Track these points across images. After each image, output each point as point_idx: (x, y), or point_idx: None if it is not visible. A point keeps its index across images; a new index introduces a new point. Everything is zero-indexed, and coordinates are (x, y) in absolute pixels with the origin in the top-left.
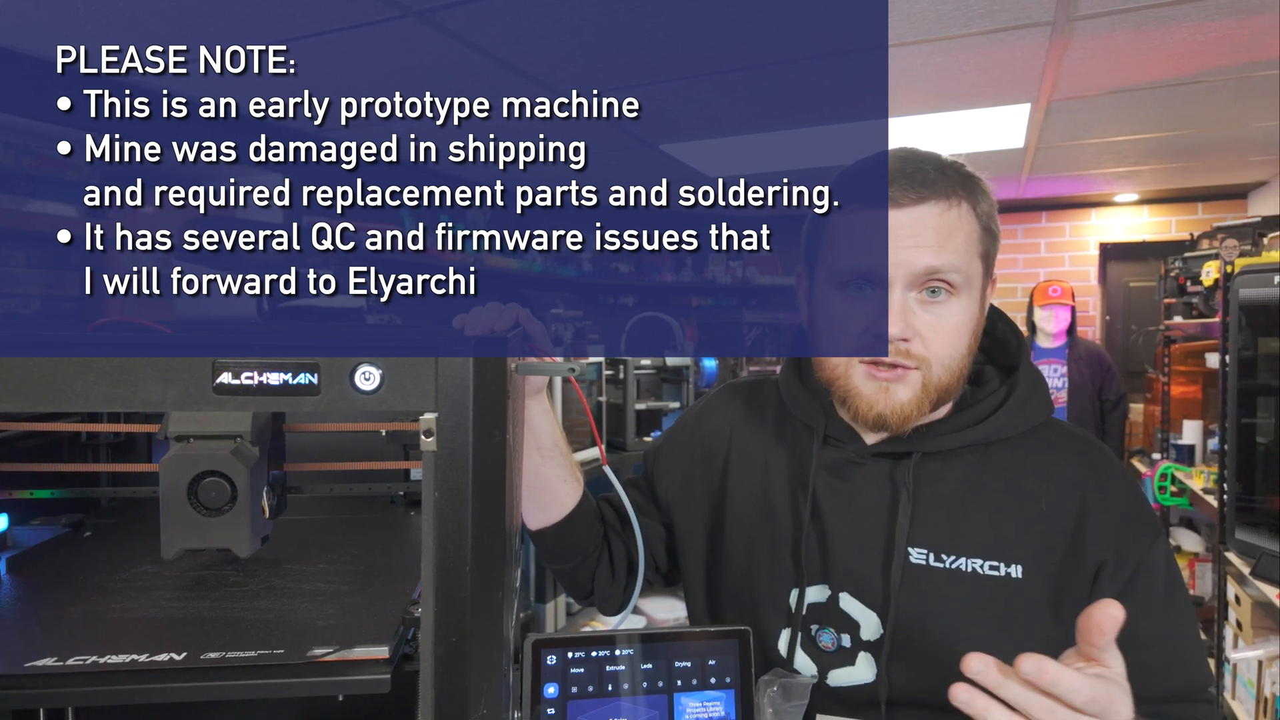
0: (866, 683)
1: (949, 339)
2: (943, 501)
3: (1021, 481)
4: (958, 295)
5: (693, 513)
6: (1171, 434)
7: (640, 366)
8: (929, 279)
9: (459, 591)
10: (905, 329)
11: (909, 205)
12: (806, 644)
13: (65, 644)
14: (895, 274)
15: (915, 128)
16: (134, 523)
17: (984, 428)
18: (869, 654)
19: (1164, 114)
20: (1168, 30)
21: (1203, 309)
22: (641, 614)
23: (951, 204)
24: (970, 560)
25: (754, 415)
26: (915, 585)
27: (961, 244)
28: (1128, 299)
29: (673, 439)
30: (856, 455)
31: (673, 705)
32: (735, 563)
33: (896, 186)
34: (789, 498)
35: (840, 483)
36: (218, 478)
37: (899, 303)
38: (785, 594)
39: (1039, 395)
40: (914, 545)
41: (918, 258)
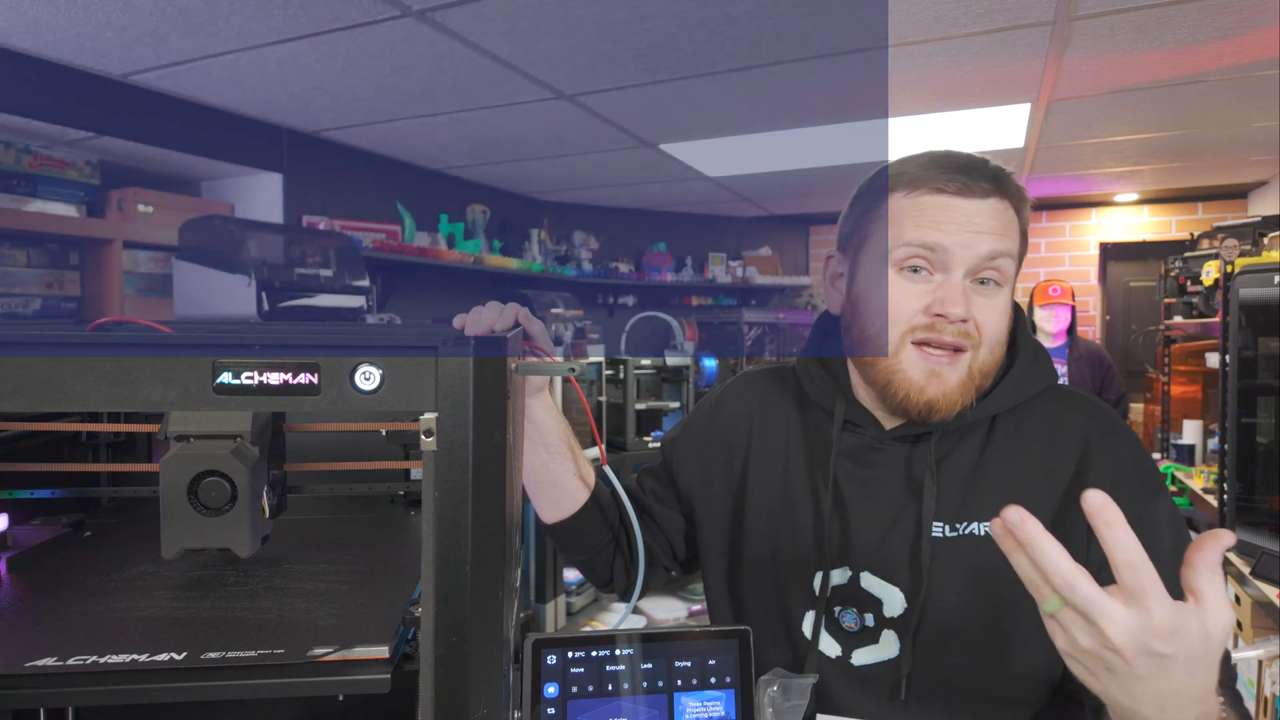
0: (891, 658)
1: (998, 324)
2: (956, 475)
3: (1027, 443)
4: (1003, 288)
5: (714, 503)
6: (1172, 434)
7: (640, 366)
8: (987, 264)
9: (459, 591)
10: (967, 310)
11: (979, 196)
12: (830, 626)
13: (66, 644)
14: (961, 254)
15: (915, 128)
16: (134, 522)
17: (991, 401)
18: (892, 630)
19: (1164, 114)
20: (1168, 30)
21: (1203, 309)
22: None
23: (1009, 205)
24: (983, 524)
25: (773, 402)
26: (936, 557)
27: (1014, 239)
28: (1128, 299)
29: (690, 430)
30: (876, 440)
31: (673, 705)
32: (758, 550)
33: (971, 175)
34: (809, 485)
35: (861, 469)
36: (218, 478)
37: (959, 286)
38: (808, 579)
39: (1042, 362)
40: (934, 520)
41: (983, 243)
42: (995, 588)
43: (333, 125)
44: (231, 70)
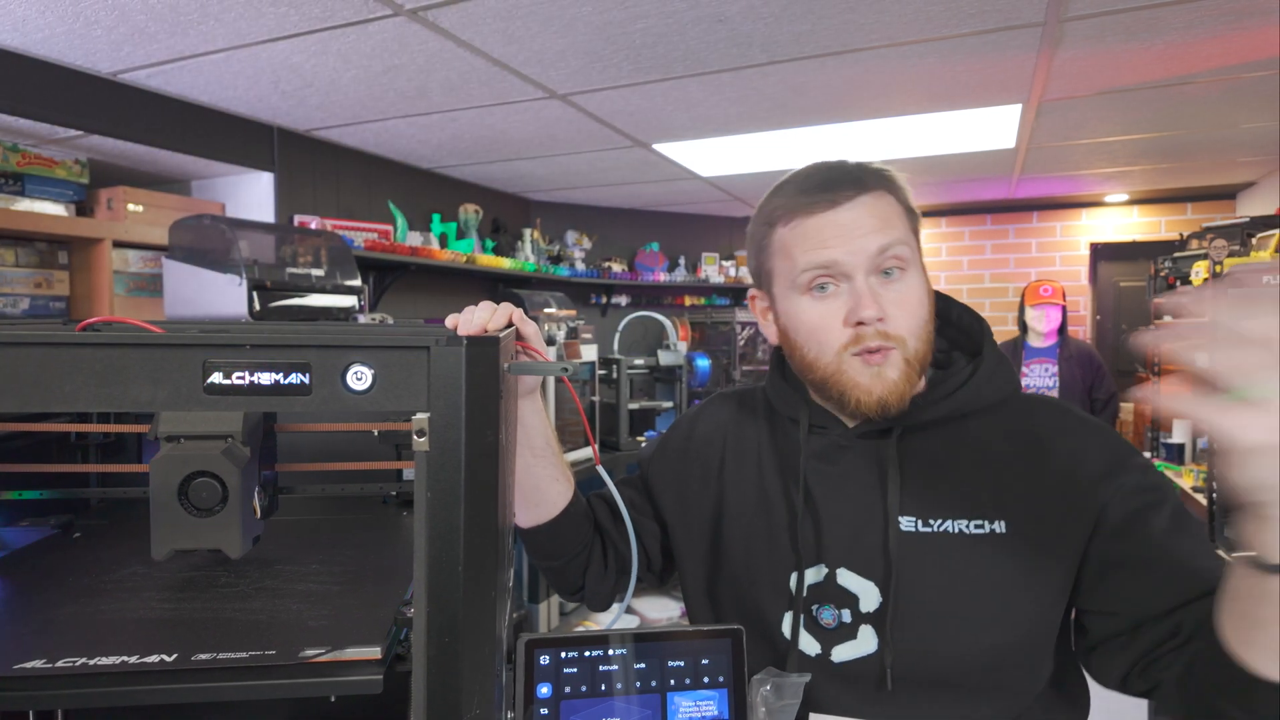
0: (870, 654)
1: (914, 311)
2: (926, 471)
3: (995, 445)
4: (908, 269)
5: (692, 524)
6: (1161, 433)
7: (633, 366)
8: (882, 258)
9: (451, 592)
10: (878, 309)
11: (846, 202)
12: (809, 624)
13: (55, 646)
14: (855, 261)
15: (906, 128)
16: (124, 524)
17: (955, 399)
18: (870, 625)
19: (1154, 115)
20: (1158, 31)
21: None
22: (635, 614)
23: (879, 195)
24: (956, 521)
25: (745, 418)
26: (908, 551)
27: (898, 224)
28: (1118, 298)
29: (666, 449)
30: (841, 439)
31: (666, 705)
32: (734, 556)
33: (831, 190)
34: (782, 487)
35: (829, 467)
36: (209, 478)
37: (864, 288)
38: (785, 579)
39: (1004, 370)
40: (903, 514)
41: (869, 242)
42: (970, 584)
43: (324, 124)
44: (222, 69)
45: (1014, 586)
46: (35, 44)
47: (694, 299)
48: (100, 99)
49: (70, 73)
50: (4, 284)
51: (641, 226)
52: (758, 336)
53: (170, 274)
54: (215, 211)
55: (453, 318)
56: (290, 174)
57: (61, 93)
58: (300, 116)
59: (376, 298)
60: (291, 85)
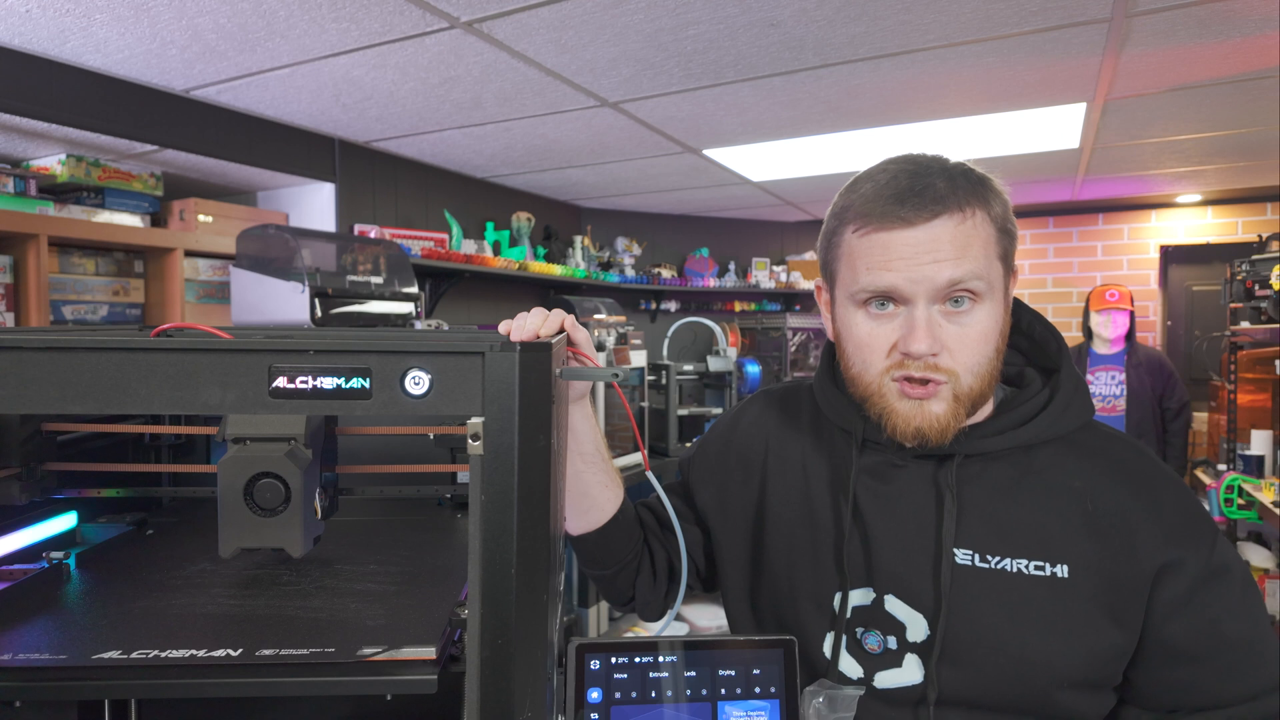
0: (915, 684)
1: (976, 347)
2: (986, 502)
3: (1065, 481)
4: (981, 301)
5: (731, 523)
6: (1239, 444)
7: (683, 372)
8: (951, 291)
9: (505, 594)
10: (933, 344)
11: (923, 223)
12: (852, 646)
13: (129, 637)
14: (917, 290)
15: (964, 129)
16: (193, 522)
17: (1026, 431)
18: (916, 655)
19: (1229, 111)
20: (1233, 25)
21: (1272, 313)
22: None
23: (966, 215)
24: (1015, 560)
25: (789, 421)
26: (962, 586)
27: (980, 251)
28: (1190, 303)
29: (706, 449)
30: (897, 458)
31: (716, 714)
32: (777, 568)
33: (908, 205)
34: (830, 501)
35: (882, 485)
36: (273, 479)
37: (923, 318)
38: (829, 597)
39: (1080, 399)
40: (959, 546)
41: (938, 272)
42: (1026, 627)
43: (383, 136)
44: (287, 84)
45: (1071, 635)
46: (115, 64)
47: (744, 304)
48: (174, 115)
49: (147, 90)
50: (86, 292)
51: (691, 232)
52: (809, 342)
53: (237, 281)
54: (279, 221)
55: (506, 324)
56: (350, 184)
57: (139, 110)
58: (360, 128)
59: (432, 304)
60: (352, 98)
